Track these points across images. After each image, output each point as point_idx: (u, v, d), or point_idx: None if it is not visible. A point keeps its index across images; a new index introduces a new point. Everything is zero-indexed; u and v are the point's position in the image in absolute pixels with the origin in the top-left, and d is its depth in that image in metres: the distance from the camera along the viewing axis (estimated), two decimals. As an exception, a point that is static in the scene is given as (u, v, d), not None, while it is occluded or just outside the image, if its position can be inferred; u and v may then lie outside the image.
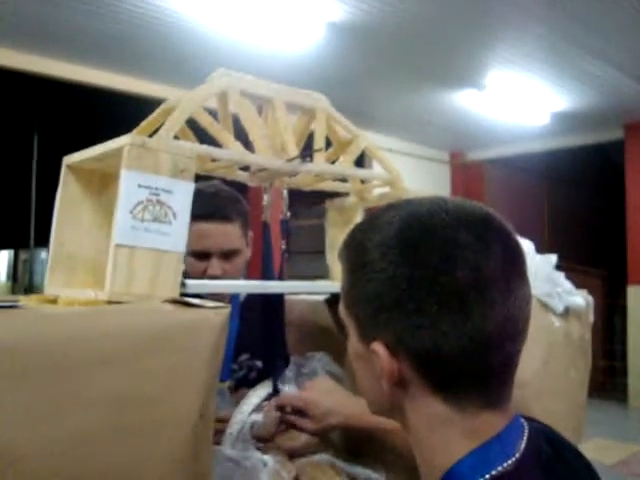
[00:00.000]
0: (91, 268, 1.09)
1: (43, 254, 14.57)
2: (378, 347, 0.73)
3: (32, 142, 7.61)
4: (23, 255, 16.25)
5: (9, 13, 4.48)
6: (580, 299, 1.61)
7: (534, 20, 4.78)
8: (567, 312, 1.56)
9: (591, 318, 1.67)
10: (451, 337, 0.70)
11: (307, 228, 7.47)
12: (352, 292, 0.79)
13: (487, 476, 0.69)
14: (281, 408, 1.22)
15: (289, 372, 1.27)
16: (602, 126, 7.82)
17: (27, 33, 4.84)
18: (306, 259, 6.24)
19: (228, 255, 1.57)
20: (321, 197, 1.43)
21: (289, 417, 1.21)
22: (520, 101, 6.67)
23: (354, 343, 0.79)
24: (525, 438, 0.74)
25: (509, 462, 0.70)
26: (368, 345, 0.75)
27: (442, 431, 0.73)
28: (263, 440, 1.20)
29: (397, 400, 0.76)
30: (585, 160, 9.10)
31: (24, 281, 15.84)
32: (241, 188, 1.51)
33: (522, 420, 0.77)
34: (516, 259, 0.74)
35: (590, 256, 9.38)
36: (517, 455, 0.71)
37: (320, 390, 1.20)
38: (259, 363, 1.59)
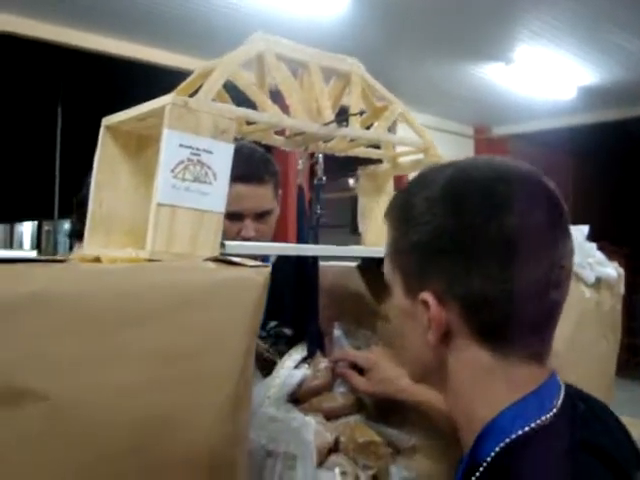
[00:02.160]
0: (127, 230, 1.10)
1: (66, 225, 14.70)
2: (427, 296, 0.75)
3: (56, 113, 7.63)
4: (46, 226, 16.39)
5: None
6: (612, 270, 1.60)
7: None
8: (599, 283, 1.55)
9: (622, 290, 1.67)
10: (498, 283, 0.71)
11: (327, 202, 7.44)
12: (399, 246, 0.80)
13: (526, 428, 0.71)
14: (336, 362, 1.26)
15: (337, 332, 1.30)
16: (629, 101, 7.69)
17: (52, 3, 4.84)
18: (325, 233, 6.21)
19: (261, 216, 1.58)
20: (341, 170, 1.43)
21: (345, 370, 1.24)
22: (547, 75, 6.58)
23: (399, 300, 0.81)
24: (562, 394, 0.76)
25: (547, 416, 0.72)
26: (414, 298, 0.77)
27: (485, 382, 0.75)
28: (300, 401, 1.22)
29: (441, 355, 0.77)
30: (611, 136, 8.96)
31: (47, 252, 15.99)
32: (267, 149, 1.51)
33: (558, 378, 0.78)
34: (560, 211, 0.77)
35: (614, 233, 9.28)
36: (554, 410, 0.73)
37: (383, 356, 1.22)
38: (288, 331, 1.59)
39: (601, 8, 4.98)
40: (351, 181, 7.30)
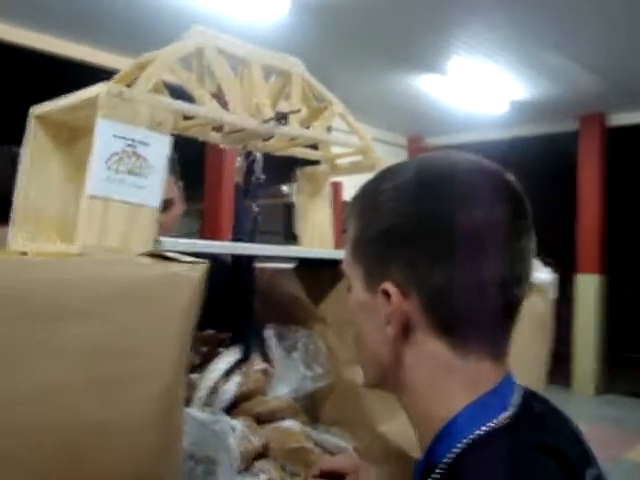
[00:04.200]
0: (57, 224, 1.05)
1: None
2: (388, 286, 0.72)
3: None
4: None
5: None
6: (545, 275, 1.63)
7: (497, 9, 4.82)
8: (531, 288, 1.58)
9: (553, 294, 1.70)
10: (464, 274, 0.70)
11: (260, 207, 7.40)
12: (364, 235, 0.77)
13: (484, 428, 0.69)
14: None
15: (268, 334, 1.25)
16: (558, 117, 7.94)
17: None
18: (259, 239, 6.20)
19: (163, 207, 1.52)
20: (274, 176, 1.40)
21: None
22: (480, 88, 6.72)
23: (358, 294, 0.78)
24: (518, 393, 0.74)
25: (505, 415, 0.71)
26: (375, 291, 0.74)
27: (444, 380, 0.73)
28: (231, 405, 1.18)
29: (398, 351, 0.75)
30: (540, 150, 9.22)
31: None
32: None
33: (514, 377, 0.77)
34: (523, 206, 0.76)
35: (541, 245, 9.53)
36: (511, 410, 0.72)
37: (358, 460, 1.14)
38: (225, 336, 1.54)
39: (531, 27, 5.14)
40: (284, 187, 7.27)
